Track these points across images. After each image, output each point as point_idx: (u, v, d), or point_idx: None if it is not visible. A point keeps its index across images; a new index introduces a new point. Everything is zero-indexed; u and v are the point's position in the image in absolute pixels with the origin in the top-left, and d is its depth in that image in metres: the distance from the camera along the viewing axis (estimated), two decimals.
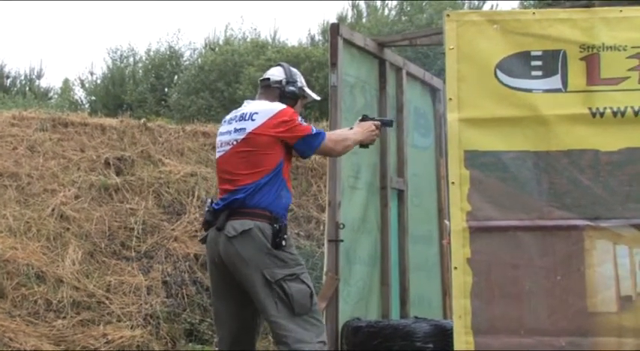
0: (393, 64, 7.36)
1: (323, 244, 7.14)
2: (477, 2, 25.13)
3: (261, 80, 5.80)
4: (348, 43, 6.70)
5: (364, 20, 24.06)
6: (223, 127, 5.65)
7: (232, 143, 5.45)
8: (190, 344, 7.77)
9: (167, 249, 8.45)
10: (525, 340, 5.51)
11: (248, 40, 22.30)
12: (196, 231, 8.69)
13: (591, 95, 5.46)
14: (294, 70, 5.83)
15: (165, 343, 7.62)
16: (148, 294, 7.92)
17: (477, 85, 5.56)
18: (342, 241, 6.41)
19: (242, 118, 5.49)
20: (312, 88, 16.12)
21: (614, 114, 5.44)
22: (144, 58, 23.17)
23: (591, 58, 5.48)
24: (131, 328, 7.52)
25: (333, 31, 6.62)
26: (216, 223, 5.38)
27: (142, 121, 10.74)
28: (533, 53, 5.55)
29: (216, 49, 21.11)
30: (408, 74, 7.64)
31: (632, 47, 5.47)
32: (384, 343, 5.98)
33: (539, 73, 5.55)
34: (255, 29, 28.55)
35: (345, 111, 6.58)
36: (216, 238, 5.38)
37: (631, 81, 5.46)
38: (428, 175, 8.21)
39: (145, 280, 8.03)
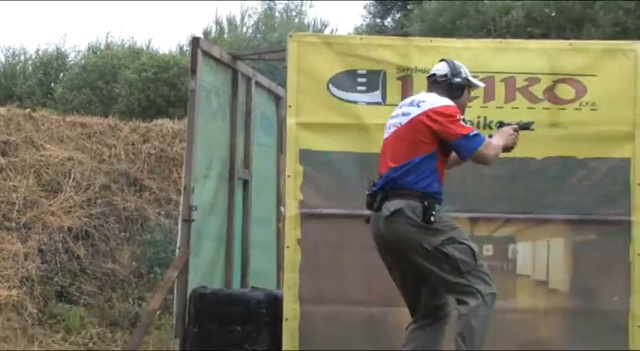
0: (244, 74, 7.33)
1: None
2: (319, 26, 25.35)
3: (428, 77, 5.11)
4: (207, 54, 6.62)
5: (226, 36, 23.92)
6: (394, 112, 5.04)
7: (397, 125, 4.88)
8: (60, 304, 7.60)
9: (44, 222, 8.22)
10: (343, 309, 5.58)
11: (126, 46, 21.90)
12: (71, 207, 8.51)
13: None
14: (457, 62, 5.09)
15: (38, 302, 7.44)
16: (25, 260, 7.68)
17: (313, 95, 5.60)
18: (193, 220, 6.34)
19: (411, 103, 4.90)
20: (178, 92, 15.83)
21: None
22: (33, 56, 22.52)
23: (405, 78, 5.57)
24: (8, 288, 7.31)
25: (194, 43, 6.54)
26: (374, 205, 4.88)
27: (27, 110, 10.42)
28: (359, 72, 5.60)
29: (98, 52, 20.67)
30: (257, 83, 7.63)
31: None
32: (224, 307, 5.96)
33: (364, 88, 5.61)
34: (133, 37, 28.01)
35: (202, 112, 6.52)
36: (377, 220, 4.88)
37: None
38: (269, 168, 8.22)
39: (23, 248, 7.78)
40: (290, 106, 5.63)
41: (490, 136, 4.89)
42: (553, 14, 17.52)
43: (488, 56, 5.60)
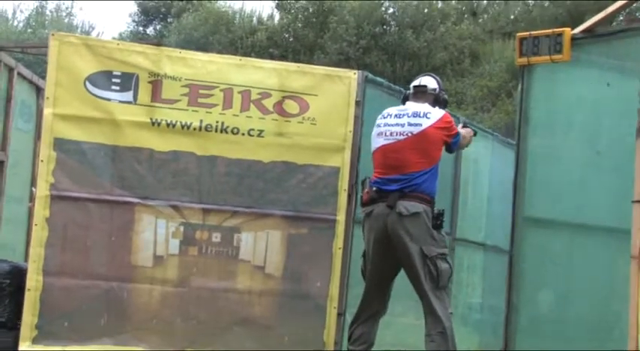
0: (6, 64, 7.02)
1: None
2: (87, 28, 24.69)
3: (415, 86, 5.35)
4: None
5: None
6: (391, 120, 5.15)
7: (407, 134, 5.03)
8: None
9: None
10: (84, 282, 5.47)
11: None
12: None
13: (153, 109, 5.53)
14: (440, 80, 5.48)
15: None
16: None
17: (70, 90, 5.45)
18: None
19: (416, 114, 5.08)
20: None
21: (168, 125, 5.55)
22: None
23: (156, 82, 5.55)
24: None
25: None
26: (387, 201, 4.96)
27: None
28: (114, 73, 5.51)
29: None
30: (19, 74, 7.32)
31: (185, 79, 5.61)
32: None
33: (118, 88, 5.53)
34: None
35: None
36: (385, 214, 4.97)
37: (182, 103, 5.60)
38: (26, 152, 7.90)
39: None
40: (48, 97, 5.46)
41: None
42: (291, 39, 18.00)
43: (230, 70, 5.68)
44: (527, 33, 5.05)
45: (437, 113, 5.10)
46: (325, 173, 5.78)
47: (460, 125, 5.59)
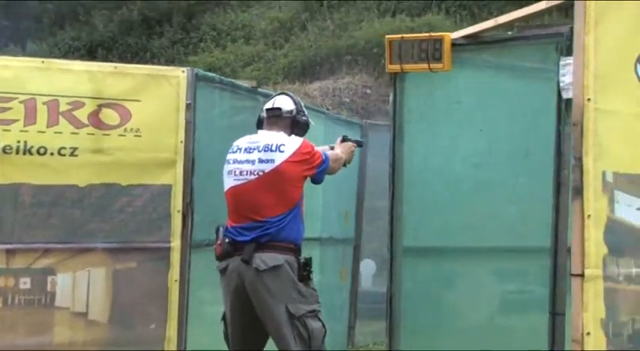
0: None
1: None
2: None
3: (269, 109, 4.49)
4: None
5: None
6: (241, 155, 4.38)
7: (258, 173, 4.28)
8: None
9: None
10: None
11: None
12: None
13: None
14: (298, 98, 4.61)
15: None
16: None
17: None
18: None
19: (267, 148, 4.31)
20: None
21: None
22: None
23: None
24: None
25: None
26: (242, 255, 4.22)
27: None
28: None
29: None
30: None
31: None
32: None
33: None
34: None
35: None
36: (241, 270, 4.22)
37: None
38: None
39: None
40: None
41: (332, 148, 4.69)
42: None
43: (31, 76, 4.69)
44: (399, 36, 4.45)
45: (292, 144, 4.37)
46: (154, 193, 4.99)
47: (338, 140, 4.83)
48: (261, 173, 4.32)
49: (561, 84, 3.64)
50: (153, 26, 18.42)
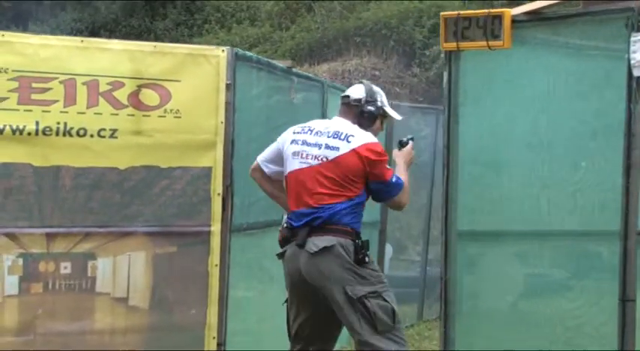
0: None
1: None
2: None
3: (342, 97, 4.36)
4: None
5: None
6: (311, 137, 4.21)
7: (322, 159, 4.13)
8: None
9: None
10: None
11: None
12: None
13: None
14: (376, 88, 4.33)
15: None
16: None
17: None
18: None
19: (336, 135, 4.15)
20: None
21: None
22: None
23: None
24: None
25: None
26: (296, 240, 4.11)
27: None
28: None
29: None
30: None
31: (13, 70, 4.44)
32: None
33: None
34: None
35: None
36: (297, 255, 4.12)
37: (11, 101, 4.45)
38: None
39: None
40: None
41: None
42: None
43: (70, 56, 4.56)
44: (456, 12, 4.30)
45: (362, 138, 4.15)
46: (194, 176, 4.89)
47: (394, 152, 4.44)
48: (324, 159, 4.15)
49: (632, 61, 3.54)
50: (156, 8, 18.24)
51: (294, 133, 4.34)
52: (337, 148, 4.15)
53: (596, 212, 3.86)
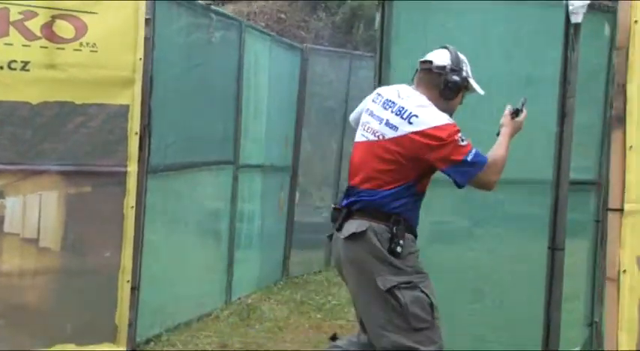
0: None
1: None
2: None
3: (421, 62, 3.85)
4: None
5: None
6: (378, 108, 3.83)
7: (379, 136, 3.74)
8: None
9: None
10: None
11: None
12: None
13: None
14: (462, 56, 3.81)
15: None
16: None
17: None
18: None
19: (400, 112, 3.70)
20: None
21: None
22: None
23: None
24: None
25: None
26: (336, 223, 3.83)
27: None
28: None
29: None
30: None
31: None
32: None
33: None
34: None
35: None
36: (336, 239, 3.84)
37: None
38: None
39: None
40: None
41: (497, 133, 3.81)
42: None
43: None
44: None
45: (427, 120, 3.69)
46: (111, 114, 4.67)
47: (506, 115, 3.87)
48: (380, 137, 3.78)
49: (570, 7, 3.50)
50: None
51: (372, 101, 3.98)
52: (396, 128, 3.74)
53: (529, 161, 3.86)
